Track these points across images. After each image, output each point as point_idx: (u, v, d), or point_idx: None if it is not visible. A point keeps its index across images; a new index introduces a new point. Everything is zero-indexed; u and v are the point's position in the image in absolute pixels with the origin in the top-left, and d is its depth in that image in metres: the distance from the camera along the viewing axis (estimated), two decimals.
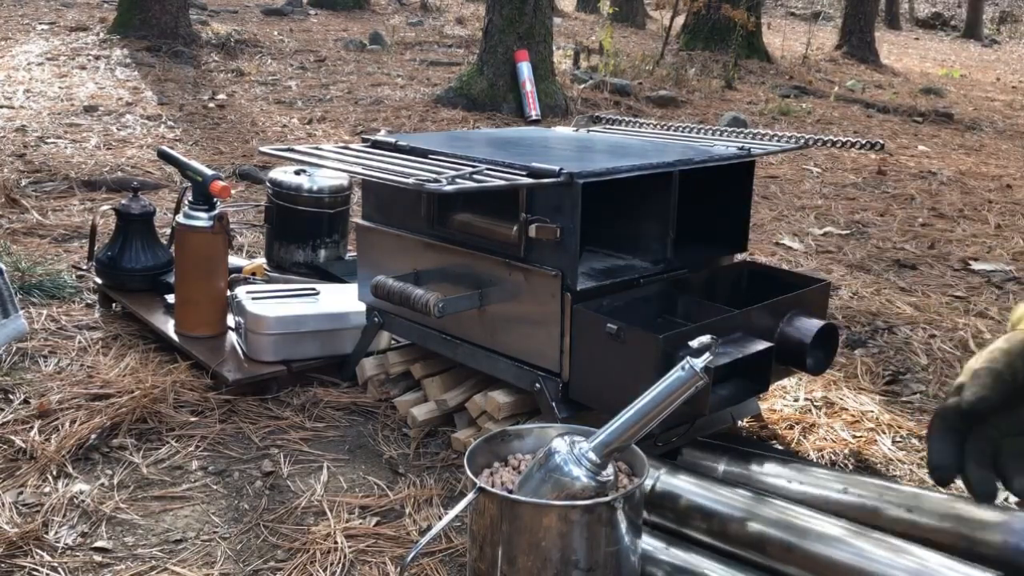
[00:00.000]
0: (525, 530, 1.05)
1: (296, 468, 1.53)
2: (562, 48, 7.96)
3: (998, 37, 19.06)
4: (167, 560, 1.27)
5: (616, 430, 1.09)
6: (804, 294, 1.55)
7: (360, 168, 1.47)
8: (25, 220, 2.89)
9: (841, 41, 11.59)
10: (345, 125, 4.98)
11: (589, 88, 6.42)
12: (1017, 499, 1.37)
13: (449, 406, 1.65)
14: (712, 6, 9.05)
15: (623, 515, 1.06)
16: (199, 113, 5.01)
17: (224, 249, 1.94)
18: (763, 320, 1.47)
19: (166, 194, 3.32)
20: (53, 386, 1.73)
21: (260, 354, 1.80)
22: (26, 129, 4.28)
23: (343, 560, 1.27)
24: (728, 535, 1.18)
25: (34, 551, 1.27)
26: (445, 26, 10.28)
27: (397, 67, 7.24)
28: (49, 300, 2.21)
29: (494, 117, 5.57)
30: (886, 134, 6.11)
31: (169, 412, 1.67)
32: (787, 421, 1.75)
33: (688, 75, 7.78)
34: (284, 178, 2.27)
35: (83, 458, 1.52)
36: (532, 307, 1.44)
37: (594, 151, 1.67)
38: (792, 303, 1.51)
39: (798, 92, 7.84)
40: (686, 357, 1.07)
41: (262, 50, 7.44)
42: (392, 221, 1.68)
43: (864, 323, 2.33)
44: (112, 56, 6.47)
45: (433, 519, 1.38)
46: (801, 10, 19.61)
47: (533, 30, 5.76)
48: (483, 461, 1.20)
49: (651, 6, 12.77)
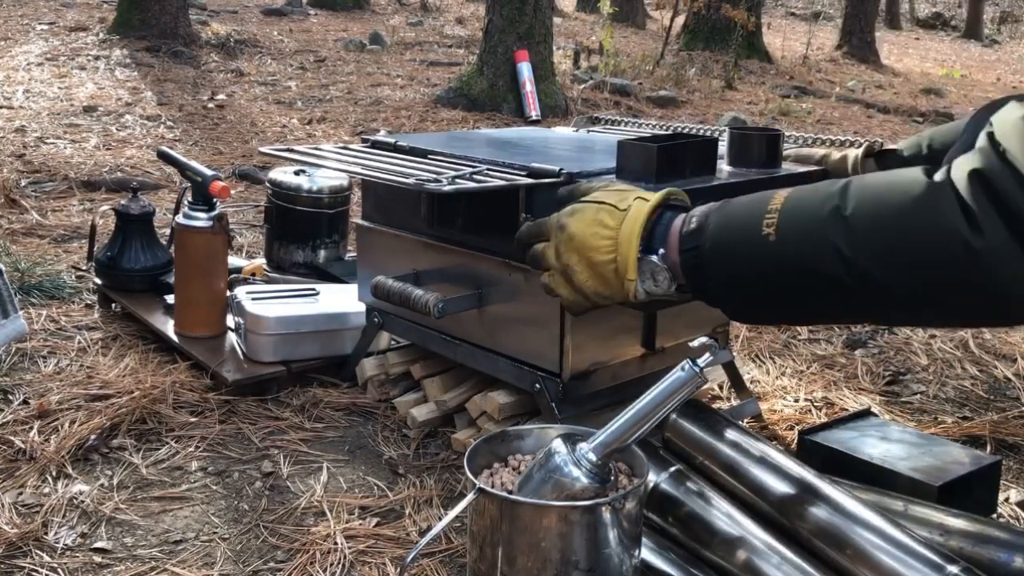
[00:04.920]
0: (525, 531, 1.05)
1: (296, 468, 1.53)
2: (562, 48, 7.96)
3: (998, 37, 19.06)
4: (167, 561, 1.27)
5: (616, 430, 1.09)
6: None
7: (360, 168, 1.47)
8: (24, 220, 2.89)
9: (841, 41, 11.60)
10: (345, 125, 4.98)
11: (589, 88, 6.42)
12: (1017, 502, 1.37)
13: (449, 407, 1.65)
14: (712, 6, 9.06)
15: (623, 516, 1.06)
16: (199, 113, 5.01)
17: (224, 249, 1.94)
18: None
19: (166, 194, 3.32)
20: (52, 387, 1.73)
21: (260, 354, 1.80)
22: (25, 129, 4.28)
23: (343, 561, 1.27)
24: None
25: (34, 552, 1.27)
26: (445, 26, 10.29)
27: (397, 67, 7.24)
28: (48, 300, 2.21)
29: (494, 117, 5.57)
30: (886, 134, 6.11)
31: (169, 412, 1.66)
32: (787, 421, 1.75)
33: (688, 75, 7.78)
34: (284, 178, 2.27)
35: (83, 459, 1.52)
36: (532, 307, 1.44)
37: (594, 151, 1.67)
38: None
39: (798, 92, 7.84)
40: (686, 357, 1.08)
41: (262, 50, 7.44)
42: (392, 221, 1.68)
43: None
44: (112, 56, 6.47)
45: (433, 520, 1.38)
46: (801, 10, 19.62)
47: (533, 30, 5.76)
48: (483, 461, 1.20)
49: (651, 6, 12.77)
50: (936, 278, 0.93)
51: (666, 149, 1.35)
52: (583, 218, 1.16)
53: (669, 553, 1.19)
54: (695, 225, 1.10)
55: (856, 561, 1.06)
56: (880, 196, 0.98)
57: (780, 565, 1.09)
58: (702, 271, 1.09)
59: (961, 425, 1.75)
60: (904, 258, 0.94)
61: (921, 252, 0.93)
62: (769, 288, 1.05)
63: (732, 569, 1.12)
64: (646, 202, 1.14)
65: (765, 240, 1.03)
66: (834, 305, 1.02)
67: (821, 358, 2.08)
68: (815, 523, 1.12)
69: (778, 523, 1.16)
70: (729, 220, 1.08)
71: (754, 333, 2.21)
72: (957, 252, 0.90)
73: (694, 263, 1.09)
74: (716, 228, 1.08)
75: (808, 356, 2.09)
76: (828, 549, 1.09)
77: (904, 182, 0.98)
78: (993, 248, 0.89)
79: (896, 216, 0.95)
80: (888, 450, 1.40)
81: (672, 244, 1.12)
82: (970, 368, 2.05)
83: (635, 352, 1.55)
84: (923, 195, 0.95)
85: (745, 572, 1.11)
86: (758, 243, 1.03)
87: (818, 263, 0.99)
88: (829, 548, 1.09)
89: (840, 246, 0.97)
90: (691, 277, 1.11)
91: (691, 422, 1.32)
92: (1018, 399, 1.90)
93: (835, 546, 1.09)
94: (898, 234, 0.95)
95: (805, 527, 1.12)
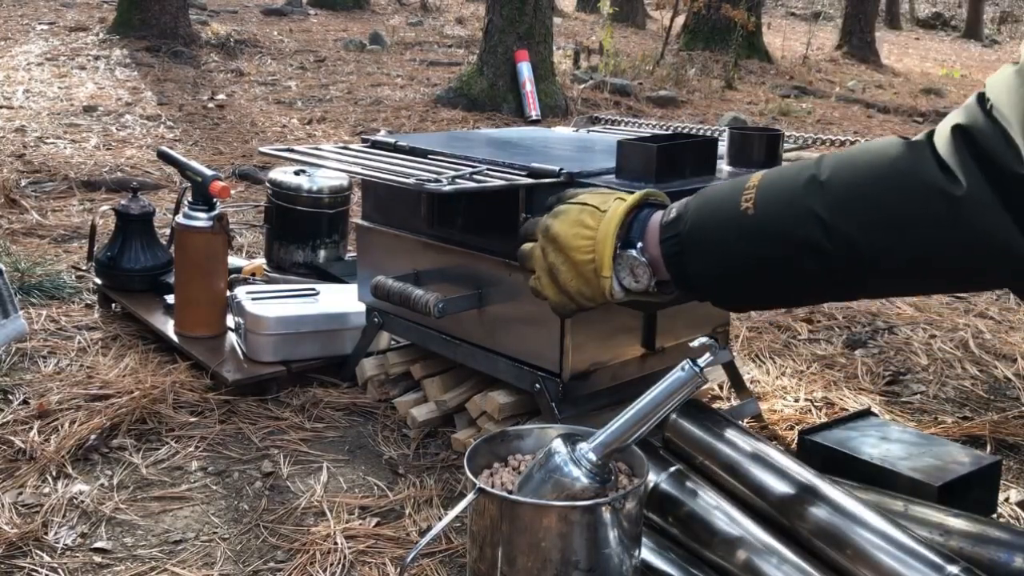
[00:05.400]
0: (525, 531, 1.05)
1: (296, 468, 1.53)
2: (562, 48, 7.96)
3: (998, 37, 19.05)
4: (167, 561, 1.27)
5: (616, 430, 1.09)
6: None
7: (360, 168, 1.47)
8: (24, 220, 2.89)
9: (841, 41, 11.60)
10: (345, 125, 4.98)
11: (589, 88, 6.42)
12: (1017, 502, 1.37)
13: (449, 407, 1.65)
14: (712, 6, 9.06)
15: (623, 516, 1.06)
16: (199, 113, 5.01)
17: (224, 249, 1.94)
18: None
19: (166, 194, 3.32)
20: (52, 386, 1.73)
21: (260, 354, 1.80)
22: (25, 129, 4.28)
23: (343, 561, 1.27)
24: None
25: (34, 552, 1.27)
26: (445, 26, 10.29)
27: (397, 67, 7.24)
28: (49, 300, 2.21)
29: (494, 117, 5.58)
30: (886, 134, 6.10)
31: (169, 412, 1.66)
32: (787, 421, 1.75)
33: (688, 75, 7.78)
34: (284, 178, 2.27)
35: (83, 459, 1.52)
36: (532, 307, 1.44)
37: (594, 151, 1.67)
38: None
39: (798, 92, 7.84)
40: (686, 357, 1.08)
41: (262, 50, 7.44)
42: (392, 221, 1.68)
43: (864, 323, 2.33)
44: (111, 56, 6.47)
45: (433, 520, 1.38)
46: (801, 10, 19.62)
47: (533, 30, 5.76)
48: (483, 461, 1.20)
49: (651, 6, 12.77)
50: (917, 236, 0.91)
51: (666, 149, 1.35)
52: (566, 219, 1.17)
53: (669, 553, 1.19)
54: (674, 214, 1.10)
55: (856, 561, 1.06)
56: (856, 160, 0.97)
57: (780, 565, 1.09)
58: (682, 257, 1.08)
59: (961, 425, 1.75)
60: (883, 217, 0.93)
61: (900, 208, 0.92)
62: (750, 264, 1.04)
63: (732, 569, 1.12)
64: (623, 202, 1.15)
65: (744, 215, 1.02)
66: (816, 276, 1.00)
67: (821, 358, 2.08)
68: (815, 523, 1.12)
69: (778, 523, 1.16)
70: (707, 202, 1.08)
71: (754, 333, 2.21)
72: (937, 205, 0.89)
73: (675, 250, 1.08)
74: (695, 212, 1.08)
75: (808, 356, 2.09)
76: (828, 549, 1.09)
77: (880, 145, 0.97)
78: (974, 199, 0.87)
79: (873, 177, 0.94)
80: (888, 450, 1.40)
81: (651, 237, 1.12)
82: (970, 368, 2.05)
83: (635, 352, 1.55)
84: (900, 155, 0.94)
85: (745, 572, 1.11)
86: (737, 218, 1.03)
87: (798, 231, 0.97)
88: (829, 548, 1.09)
89: (818, 211, 0.96)
90: (672, 266, 1.10)
91: (691, 422, 1.32)
92: (1018, 399, 1.90)
93: (835, 546, 1.08)
94: (876, 194, 0.93)
95: (805, 527, 1.12)
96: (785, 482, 1.18)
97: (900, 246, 0.93)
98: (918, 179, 0.91)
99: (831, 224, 0.95)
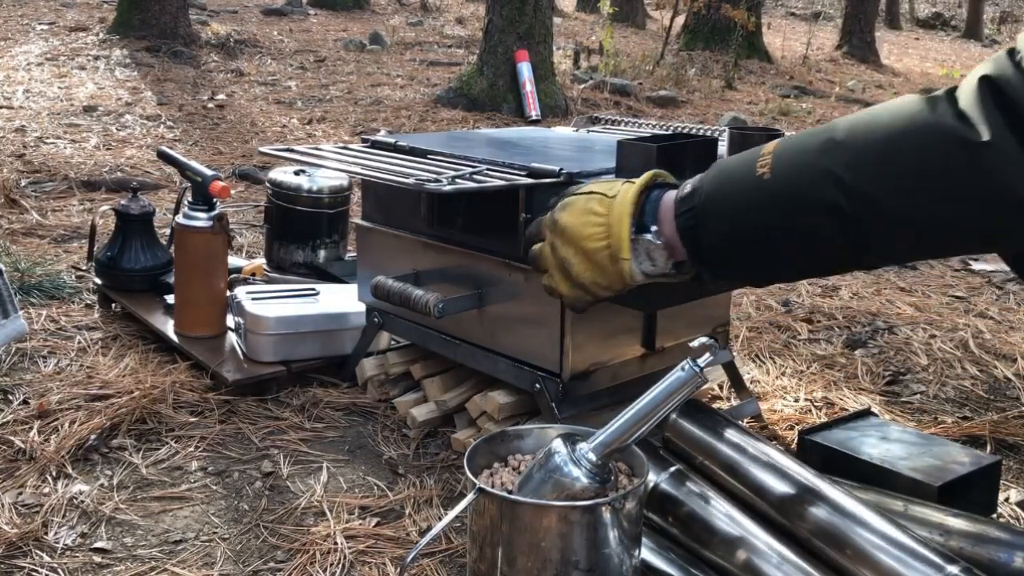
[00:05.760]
0: (525, 531, 1.05)
1: (296, 468, 1.53)
2: (562, 48, 7.96)
3: (998, 37, 19.05)
4: (167, 561, 1.27)
5: (616, 430, 1.09)
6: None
7: (360, 168, 1.47)
8: (24, 220, 2.89)
9: (841, 41, 11.60)
10: (345, 125, 4.98)
11: (589, 88, 6.42)
12: (1017, 502, 1.37)
13: (449, 407, 1.65)
14: (712, 6, 9.06)
15: (623, 516, 1.06)
16: (199, 113, 5.01)
17: (224, 249, 1.94)
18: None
19: (166, 194, 3.32)
20: (52, 386, 1.73)
21: (260, 354, 1.80)
22: (25, 129, 4.28)
23: (343, 561, 1.27)
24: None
25: (33, 552, 1.27)
26: (445, 26, 10.29)
27: (397, 67, 7.24)
28: (48, 300, 2.21)
29: (494, 117, 5.58)
30: None
31: (169, 412, 1.66)
32: (787, 421, 1.75)
33: (688, 75, 7.79)
34: (284, 178, 2.27)
35: (82, 459, 1.52)
36: (532, 307, 1.44)
37: (594, 151, 1.67)
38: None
39: (798, 92, 7.85)
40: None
41: (262, 50, 7.44)
42: (392, 221, 1.68)
43: (864, 323, 2.33)
44: (111, 56, 6.47)
45: (433, 520, 1.38)
46: (801, 10, 19.62)
47: (533, 30, 5.76)
48: (483, 461, 1.20)
49: (651, 6, 12.78)
50: (937, 189, 0.89)
51: (666, 149, 1.35)
52: (574, 209, 1.16)
53: (669, 553, 1.19)
54: (689, 188, 1.09)
55: (856, 561, 1.06)
56: (874, 118, 0.95)
57: (780, 565, 1.09)
58: (697, 230, 1.07)
59: (961, 425, 1.75)
60: (902, 171, 0.90)
61: (920, 161, 0.89)
62: (767, 230, 1.02)
63: (732, 569, 1.12)
64: (633, 184, 1.14)
65: (760, 180, 1.00)
66: (835, 240, 0.97)
67: (821, 358, 2.08)
68: (815, 523, 1.12)
69: (778, 523, 1.15)
70: (722, 173, 1.07)
71: (754, 333, 2.21)
72: (958, 157, 0.87)
73: (690, 224, 1.07)
74: (710, 183, 1.07)
75: (808, 356, 2.09)
76: (828, 549, 1.09)
77: (898, 103, 0.95)
78: (997, 149, 0.85)
79: (891, 132, 0.92)
80: (888, 450, 1.40)
81: (665, 216, 1.10)
82: (970, 368, 2.05)
83: (635, 352, 1.55)
84: (920, 109, 0.92)
85: (745, 572, 1.11)
86: (753, 184, 1.01)
87: (815, 191, 0.96)
88: (829, 548, 1.09)
89: (835, 170, 0.94)
90: (687, 240, 1.08)
91: (691, 422, 1.32)
92: (1018, 399, 1.89)
93: (835, 546, 1.08)
94: (894, 148, 0.91)
95: (805, 527, 1.12)
96: (785, 482, 1.18)
97: (920, 201, 0.90)
98: (939, 131, 0.88)
99: (849, 183, 0.93)
